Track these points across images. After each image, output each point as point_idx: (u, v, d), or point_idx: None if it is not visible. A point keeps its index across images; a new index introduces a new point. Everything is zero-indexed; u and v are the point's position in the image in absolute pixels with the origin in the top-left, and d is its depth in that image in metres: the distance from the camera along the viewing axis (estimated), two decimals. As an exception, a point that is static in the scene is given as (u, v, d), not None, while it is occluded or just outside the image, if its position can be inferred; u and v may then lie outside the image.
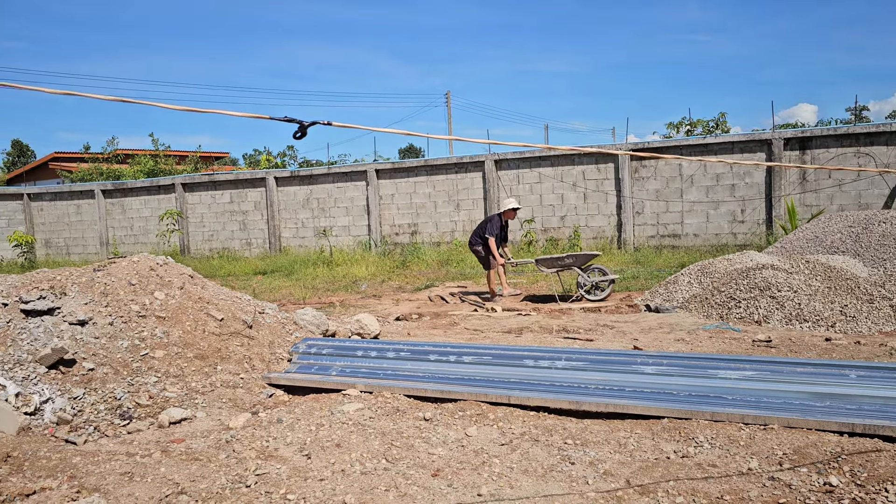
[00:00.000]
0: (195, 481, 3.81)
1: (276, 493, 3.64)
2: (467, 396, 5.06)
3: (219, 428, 4.80)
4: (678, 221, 15.17)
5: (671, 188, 15.17)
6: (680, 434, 4.20)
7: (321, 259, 16.68)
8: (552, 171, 16.13)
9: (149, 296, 6.07)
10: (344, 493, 3.61)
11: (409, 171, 17.67)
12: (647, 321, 8.23)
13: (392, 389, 5.33)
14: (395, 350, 6.08)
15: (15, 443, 4.39)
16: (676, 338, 7.15)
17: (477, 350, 5.84)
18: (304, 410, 5.05)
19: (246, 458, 4.14)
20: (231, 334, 6.21)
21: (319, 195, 18.69)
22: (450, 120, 39.37)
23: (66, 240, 22.11)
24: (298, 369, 6.01)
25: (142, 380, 5.30)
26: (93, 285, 5.98)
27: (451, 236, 17.17)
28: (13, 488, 3.81)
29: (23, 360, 5.08)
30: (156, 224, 20.55)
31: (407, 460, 4.05)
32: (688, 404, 4.49)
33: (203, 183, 20.19)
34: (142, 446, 4.47)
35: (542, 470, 3.84)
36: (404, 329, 8.51)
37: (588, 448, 4.11)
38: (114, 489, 3.73)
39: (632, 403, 4.59)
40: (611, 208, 15.68)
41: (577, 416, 4.71)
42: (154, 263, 6.55)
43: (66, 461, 4.15)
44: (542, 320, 8.68)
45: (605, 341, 7.22)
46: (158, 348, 5.63)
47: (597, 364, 5.23)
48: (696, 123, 25.94)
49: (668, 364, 5.02)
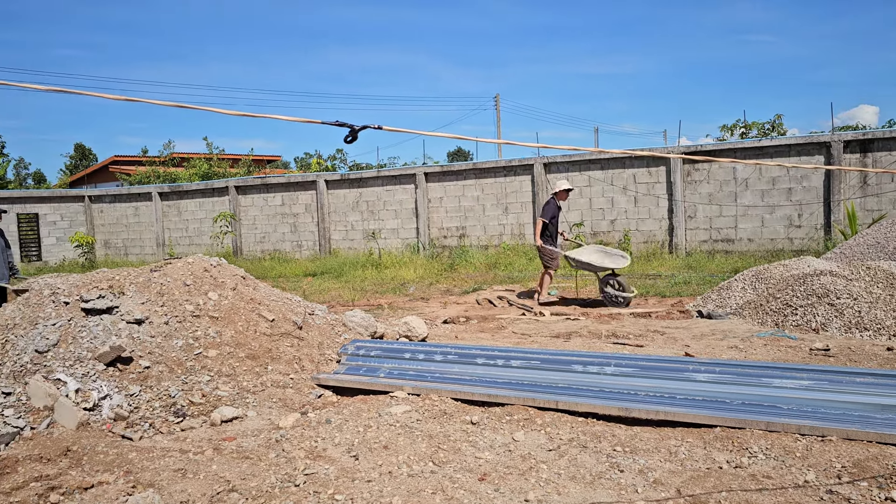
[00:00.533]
0: (245, 479, 3.88)
1: (325, 494, 3.68)
2: (515, 401, 5.03)
3: (269, 427, 4.88)
4: (732, 226, 14.82)
5: (724, 192, 14.83)
6: (733, 444, 4.09)
7: (370, 261, 16.83)
8: (602, 175, 15.95)
9: (203, 296, 6.21)
10: (391, 494, 3.63)
11: (457, 175, 17.70)
12: (698, 327, 8.06)
13: (439, 392, 5.34)
14: (443, 353, 6.08)
15: (74, 437, 4.54)
16: (729, 345, 6.98)
17: (525, 354, 5.81)
18: (353, 412, 5.09)
19: (295, 458, 4.20)
20: (281, 335, 6.31)
21: (369, 198, 18.87)
22: (499, 123, 39.33)
23: (124, 241, 22.82)
24: (347, 371, 6.07)
25: (195, 378, 5.42)
26: (149, 285, 6.15)
27: (499, 239, 17.12)
28: (72, 482, 3.94)
29: (82, 358, 5.25)
30: (210, 226, 21.04)
31: (454, 464, 4.05)
32: (741, 413, 4.38)
33: (255, 186, 20.59)
34: (194, 443, 4.57)
35: (591, 477, 3.79)
36: (452, 332, 8.52)
37: (637, 456, 4.04)
38: (168, 485, 3.82)
39: (683, 411, 4.50)
40: (662, 212, 15.42)
41: (627, 422, 4.64)
42: (208, 264, 6.71)
43: (123, 456, 4.28)
44: (591, 325, 8.58)
45: (655, 347, 7.10)
46: (211, 348, 5.75)
47: (647, 370, 5.14)
48: (751, 126, 25.34)
49: (720, 372, 4.90)
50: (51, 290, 5.89)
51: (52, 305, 5.71)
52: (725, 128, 25.93)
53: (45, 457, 4.26)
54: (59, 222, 22.28)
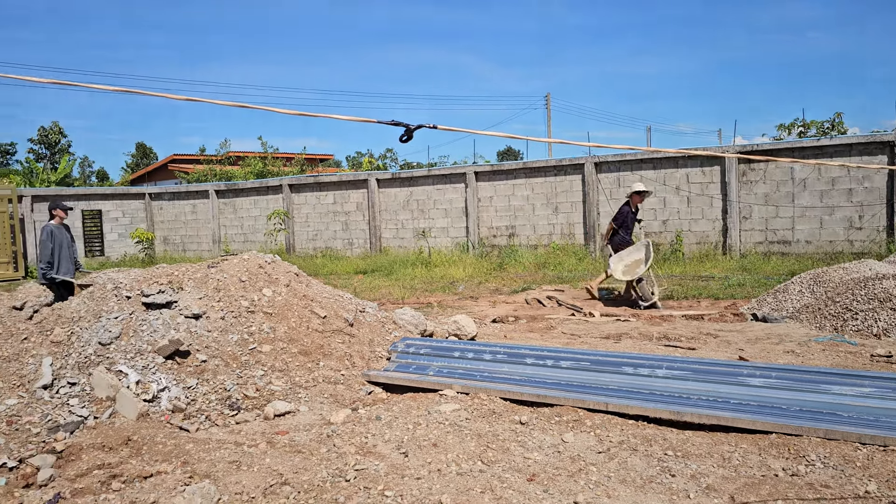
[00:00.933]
0: (298, 473, 3.96)
1: (375, 489, 3.73)
2: (564, 402, 5.01)
3: (320, 422, 4.97)
4: (788, 227, 14.42)
5: (781, 192, 14.43)
6: (789, 451, 4.00)
7: (420, 260, 16.93)
8: (654, 174, 15.70)
9: (257, 292, 6.35)
10: (440, 492, 3.66)
11: (507, 174, 17.66)
12: (753, 331, 7.87)
13: (488, 391, 5.35)
14: (492, 352, 6.09)
15: (135, 427, 4.71)
16: (786, 349, 6.80)
17: (574, 355, 5.77)
18: (402, 409, 5.14)
19: (346, 453, 4.26)
20: (333, 331, 6.41)
21: (419, 197, 18.97)
22: (549, 122, 39.04)
23: (182, 237, 23.46)
24: (397, 368, 6.13)
25: (249, 373, 5.55)
26: (207, 281, 6.32)
27: (549, 239, 17.02)
28: (133, 470, 4.09)
29: (143, 350, 5.43)
30: (264, 223, 21.47)
31: (502, 463, 4.06)
32: (798, 420, 4.27)
33: (308, 184, 20.92)
34: (248, 436, 4.69)
35: (641, 481, 3.75)
36: (501, 331, 8.51)
37: (689, 461, 3.98)
38: (223, 476, 3.93)
39: (737, 416, 4.41)
40: (716, 213, 15.10)
41: (678, 426, 4.57)
42: (263, 261, 6.85)
43: (180, 447, 4.41)
44: (642, 326, 8.47)
45: (708, 350, 6.97)
46: (265, 343, 5.88)
47: (699, 374, 5.06)
48: (810, 125, 24.55)
49: (776, 377, 4.79)
50: (114, 284, 6.11)
51: (114, 299, 5.93)
52: (782, 127, 25.18)
53: (107, 445, 4.43)
54: (121, 219, 23.03)
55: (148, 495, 3.69)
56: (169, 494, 3.66)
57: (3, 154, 55.42)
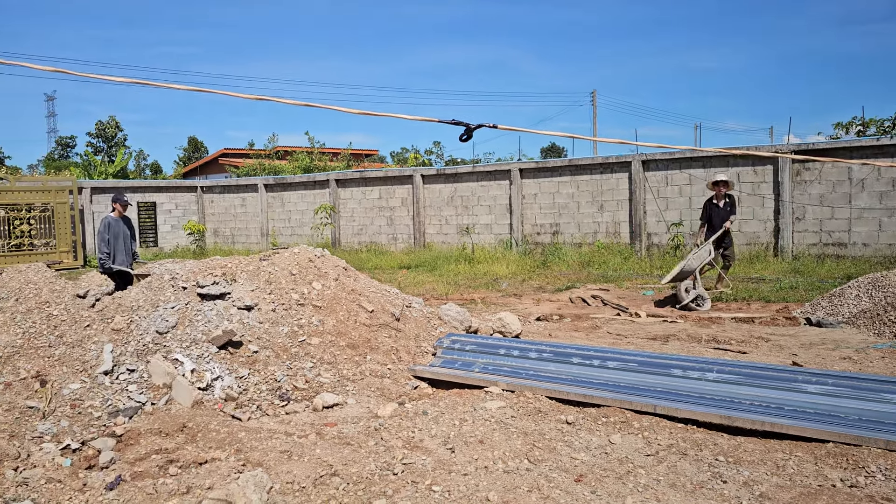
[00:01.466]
0: (347, 465, 4.03)
1: (422, 484, 3.76)
2: (611, 403, 4.97)
3: (367, 415, 5.03)
4: (845, 229, 14.00)
5: (838, 193, 14.02)
6: (848, 461, 3.90)
7: (463, 256, 16.95)
8: (703, 173, 15.40)
9: (307, 285, 6.46)
10: (487, 489, 3.68)
11: (552, 171, 17.54)
12: (807, 336, 7.68)
13: (534, 390, 5.34)
14: (538, 350, 6.08)
15: (190, 415, 4.84)
16: (842, 356, 6.63)
17: (622, 355, 5.72)
18: (448, 405, 5.17)
19: (393, 447, 4.31)
20: (380, 326, 6.47)
21: (463, 193, 18.99)
22: (595, 119, 38.64)
23: (231, 229, 23.93)
24: (443, 363, 6.16)
25: (299, 364, 5.65)
26: (259, 273, 6.44)
27: (594, 237, 16.86)
28: (188, 456, 4.21)
29: (197, 340, 5.57)
30: (311, 217, 21.75)
31: (549, 462, 4.05)
32: (858, 429, 4.16)
33: (354, 179, 21.12)
34: (298, 427, 4.78)
35: (691, 486, 3.71)
36: (545, 329, 8.48)
37: (741, 467, 3.92)
38: (274, 465, 4.02)
39: (792, 424, 4.32)
40: (767, 213, 14.74)
41: (729, 431, 4.49)
42: (312, 255, 6.96)
43: (233, 435, 4.52)
44: (690, 328, 8.34)
45: (759, 355, 6.83)
46: (314, 336, 5.98)
47: (751, 378, 4.97)
48: (869, 123, 23.79)
49: (833, 384, 4.67)
50: (170, 275, 6.28)
51: (171, 290, 6.09)
52: (840, 125, 24.44)
53: (163, 431, 4.56)
54: (174, 211, 23.60)
55: (203, 480, 3.80)
56: (223, 481, 3.76)
57: (63, 147, 57.27)
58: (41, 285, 5.93)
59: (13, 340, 5.22)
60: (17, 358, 5.09)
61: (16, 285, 5.88)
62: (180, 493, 3.70)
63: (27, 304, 5.67)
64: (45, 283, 5.99)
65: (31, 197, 18.95)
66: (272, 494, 3.65)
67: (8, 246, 18.46)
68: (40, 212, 19.05)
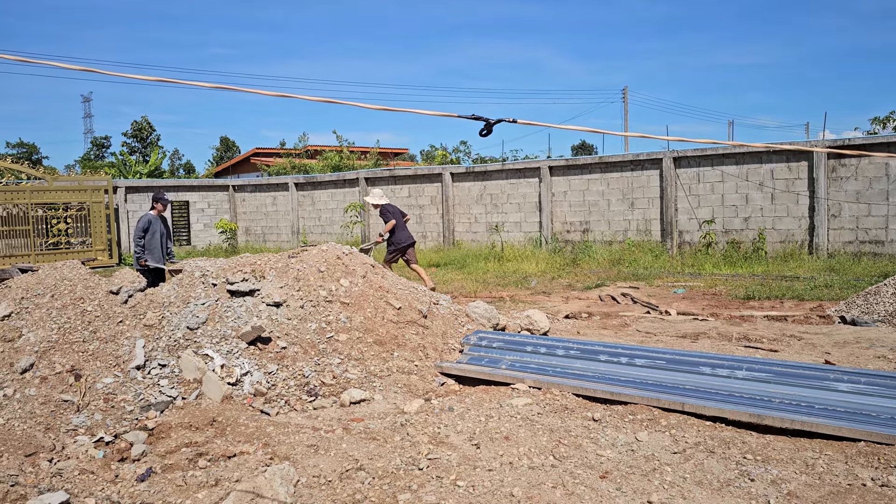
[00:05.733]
0: (372, 459, 4.06)
1: (447, 479, 3.78)
2: (638, 400, 4.94)
3: (394, 411, 5.06)
4: (882, 227, 13.68)
5: (875, 189, 13.71)
6: (879, 460, 3.82)
7: (492, 254, 16.94)
8: (736, 170, 15.18)
9: (335, 283, 6.52)
10: (511, 485, 3.68)
11: (582, 168, 17.43)
12: (841, 334, 7.54)
13: (561, 387, 5.33)
14: (565, 348, 6.06)
15: (219, 409, 4.92)
16: (876, 354, 6.49)
17: (649, 353, 5.68)
18: (474, 401, 5.18)
19: (419, 443, 4.33)
20: (407, 323, 6.51)
21: (493, 191, 18.96)
22: (626, 116, 38.30)
23: (262, 228, 24.22)
24: (469, 360, 6.17)
25: (327, 360, 5.71)
26: (287, 271, 6.52)
27: (624, 235, 16.71)
28: (217, 450, 4.28)
29: (227, 336, 5.66)
30: (341, 215, 21.91)
31: (574, 459, 4.04)
32: (890, 429, 4.08)
33: (384, 177, 21.22)
34: (325, 422, 4.83)
35: (718, 484, 3.67)
36: (573, 327, 8.45)
37: (770, 466, 3.87)
38: (301, 459, 4.07)
39: (822, 422, 4.25)
40: (802, 210, 14.48)
41: (758, 430, 4.44)
42: (340, 252, 7.02)
43: (261, 430, 4.58)
44: (721, 326, 8.24)
45: (791, 353, 6.72)
46: (342, 332, 6.03)
47: (782, 377, 4.89)
48: (908, 118, 23.21)
49: (866, 382, 4.58)
50: (201, 272, 6.38)
51: (201, 286, 6.20)
52: (877, 120, 23.89)
53: (193, 425, 4.65)
54: (207, 209, 23.97)
55: (232, 473, 3.86)
56: (251, 474, 3.82)
57: (99, 147, 58.46)
58: (76, 282, 6.08)
59: (49, 336, 5.36)
60: (52, 353, 5.22)
61: (51, 282, 6.03)
62: (209, 485, 3.76)
63: (62, 300, 5.81)
64: (79, 279, 6.14)
65: (67, 196, 19.40)
66: (298, 487, 3.70)
67: (45, 244, 18.92)
68: (76, 211, 19.49)
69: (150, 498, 3.67)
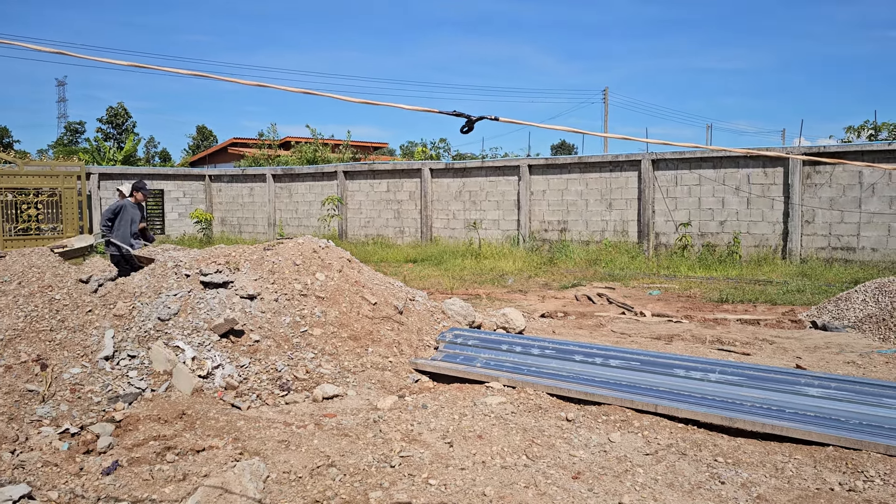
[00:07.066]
0: (344, 456, 4.02)
1: (419, 477, 3.75)
2: (612, 401, 4.95)
3: (367, 407, 5.02)
4: (854, 233, 13.90)
5: (848, 197, 13.92)
6: (847, 465, 3.87)
7: (469, 251, 16.93)
8: (714, 174, 15.33)
9: (310, 276, 6.45)
10: (484, 484, 3.66)
11: (561, 168, 17.48)
12: (812, 339, 7.63)
13: (535, 386, 5.32)
14: (540, 347, 6.06)
15: (189, 402, 4.84)
16: (846, 360, 6.58)
17: (624, 354, 5.70)
18: (448, 399, 5.16)
19: (391, 440, 4.30)
20: (383, 318, 6.46)
21: (472, 188, 18.95)
22: (606, 117, 38.49)
23: (238, 219, 23.97)
24: (444, 357, 6.15)
25: (300, 355, 5.65)
26: (262, 263, 6.44)
27: (601, 236, 16.80)
28: (186, 443, 4.21)
29: (199, 328, 5.57)
30: (318, 208, 21.77)
31: (547, 459, 4.04)
32: (858, 433, 4.12)
33: (363, 172, 21.11)
34: (297, 417, 4.77)
35: (689, 486, 3.69)
36: (549, 326, 8.46)
37: (740, 468, 3.89)
38: (272, 455, 4.01)
39: (792, 426, 4.29)
40: (776, 215, 14.66)
41: (730, 433, 4.47)
42: (317, 246, 6.95)
43: (232, 424, 4.52)
44: (695, 329, 8.30)
45: (763, 357, 6.78)
46: (316, 326, 5.97)
47: (754, 380, 4.93)
48: (881, 127, 23.65)
49: (836, 388, 4.63)
50: (174, 262, 6.28)
51: (174, 277, 6.09)
52: (851, 129, 24.35)
53: (162, 418, 4.56)
54: (182, 199, 23.65)
55: (200, 468, 3.80)
56: (220, 469, 3.76)
57: (73, 132, 57.46)
58: (44, 269, 5.95)
59: (15, 324, 5.24)
60: (18, 341, 5.10)
61: (19, 269, 5.89)
62: (177, 479, 3.70)
63: (30, 287, 5.68)
64: (48, 267, 6.00)
65: (38, 181, 19.01)
66: (268, 483, 3.65)
67: (15, 230, 18.54)
68: (48, 196, 19.12)
69: (116, 492, 3.60)
